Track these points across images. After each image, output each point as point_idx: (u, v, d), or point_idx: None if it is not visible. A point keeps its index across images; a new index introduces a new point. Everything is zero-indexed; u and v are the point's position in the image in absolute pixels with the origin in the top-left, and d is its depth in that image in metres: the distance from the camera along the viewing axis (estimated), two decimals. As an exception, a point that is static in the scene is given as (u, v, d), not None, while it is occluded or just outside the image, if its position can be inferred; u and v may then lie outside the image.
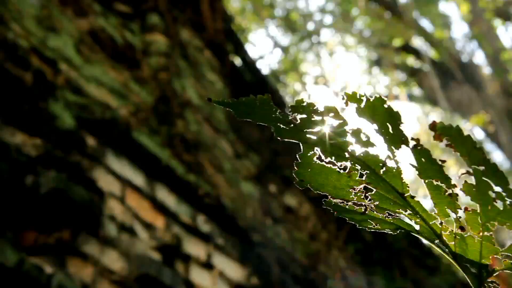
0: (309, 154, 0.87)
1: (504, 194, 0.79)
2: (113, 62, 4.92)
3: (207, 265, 4.68)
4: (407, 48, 19.15)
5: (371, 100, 0.81)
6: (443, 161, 0.83)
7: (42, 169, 3.59)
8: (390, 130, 0.82)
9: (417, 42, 19.40)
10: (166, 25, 5.81)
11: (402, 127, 0.82)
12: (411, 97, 19.96)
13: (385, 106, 0.81)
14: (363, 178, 0.88)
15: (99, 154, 4.10)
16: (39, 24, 4.32)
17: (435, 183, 0.84)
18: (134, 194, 4.31)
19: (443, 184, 0.84)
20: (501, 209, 0.80)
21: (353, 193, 0.90)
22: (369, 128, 0.84)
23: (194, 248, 4.64)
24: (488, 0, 15.99)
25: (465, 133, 0.78)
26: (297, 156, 0.87)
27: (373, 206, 0.90)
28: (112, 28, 5.16)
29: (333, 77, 21.84)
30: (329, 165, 0.87)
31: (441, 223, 0.88)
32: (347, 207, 0.91)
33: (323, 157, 0.86)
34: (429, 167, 0.83)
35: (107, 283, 3.75)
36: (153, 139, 4.65)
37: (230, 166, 5.66)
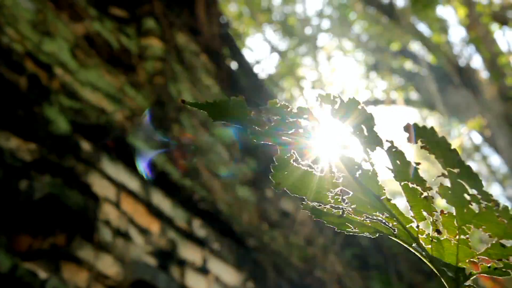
0: (285, 157, 0.86)
1: (479, 196, 0.78)
2: (108, 67, 4.91)
3: (203, 270, 4.66)
4: (405, 53, 19.17)
5: (345, 101, 0.81)
6: (418, 163, 0.82)
7: (36, 174, 3.58)
8: (365, 132, 0.82)
9: (415, 46, 19.42)
10: (162, 30, 5.80)
11: (376, 129, 0.81)
12: (408, 102, 19.96)
13: (359, 107, 0.81)
14: (340, 181, 0.87)
15: (94, 158, 4.10)
16: (34, 28, 4.31)
17: (410, 185, 0.84)
18: (129, 198, 4.30)
19: (418, 187, 0.84)
20: (477, 212, 0.80)
21: (330, 196, 0.89)
22: (345, 130, 0.83)
23: (190, 253, 4.63)
24: (485, 5, 15.99)
25: (440, 135, 0.77)
26: (274, 159, 0.86)
27: (350, 209, 0.90)
28: (107, 33, 5.16)
29: (330, 82, 21.85)
30: (305, 168, 0.87)
31: (417, 226, 0.88)
32: (325, 210, 0.91)
33: (299, 160, 0.86)
34: (404, 170, 0.82)
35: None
36: (148, 143, 4.65)
37: (226, 170, 5.65)
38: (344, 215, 0.90)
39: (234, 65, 7.41)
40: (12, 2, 4.27)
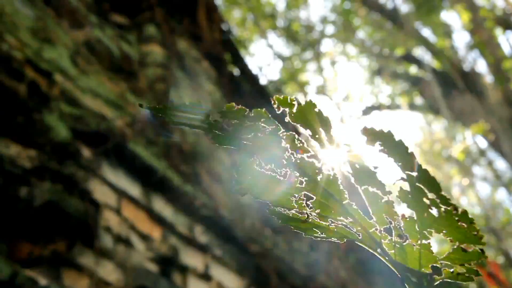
0: (248, 161, 0.85)
1: (437, 200, 0.77)
2: (109, 73, 4.91)
3: (205, 276, 4.65)
4: (409, 58, 19.17)
5: (302, 104, 0.80)
6: (376, 167, 0.81)
7: (36, 180, 3.58)
8: (323, 135, 0.81)
9: (419, 51, 19.41)
10: (163, 36, 5.81)
11: (333, 131, 0.80)
12: (413, 107, 19.94)
13: (316, 110, 0.80)
14: (303, 185, 0.86)
15: (95, 165, 4.09)
16: (34, 36, 4.32)
17: (371, 190, 0.83)
18: (130, 205, 4.30)
19: (379, 191, 0.82)
20: (437, 216, 0.78)
21: (294, 201, 0.88)
22: (304, 133, 0.82)
23: (192, 259, 4.62)
24: (489, 9, 15.99)
25: (397, 138, 0.76)
26: (237, 163, 0.85)
27: (315, 214, 0.88)
28: (108, 39, 5.16)
29: (335, 87, 21.83)
30: (269, 172, 0.86)
31: (380, 231, 0.87)
32: (290, 215, 0.90)
33: (263, 164, 0.85)
34: (363, 174, 0.81)
35: (102, 294, 3.73)
36: (149, 150, 4.64)
37: (228, 176, 5.65)
38: (310, 220, 0.89)
39: (236, 71, 7.41)
40: (12, 9, 4.28)
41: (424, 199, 0.77)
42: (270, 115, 0.82)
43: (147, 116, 4.67)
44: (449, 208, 0.76)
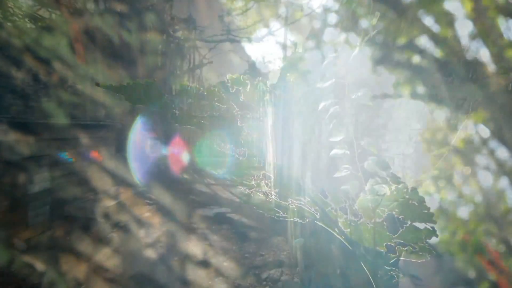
0: (207, 141, 0.87)
1: (387, 178, 0.78)
2: (109, 61, 4.93)
3: (204, 263, 4.68)
4: (412, 46, 19.13)
5: (255, 84, 0.82)
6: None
7: (35, 167, 3.61)
8: (279, 115, 0.83)
9: (422, 40, 19.37)
10: (162, 24, 5.81)
11: (287, 110, 0.82)
12: (415, 95, 19.90)
13: (267, 89, 0.82)
14: (262, 165, 0.88)
15: (93, 152, 4.11)
16: (33, 23, 4.33)
17: None
18: (129, 191, 4.32)
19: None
20: (388, 194, 0.80)
21: (254, 181, 0.90)
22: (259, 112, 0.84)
23: (191, 245, 4.64)
24: (492, -2, 15.90)
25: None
26: (197, 143, 0.87)
27: (274, 193, 0.90)
28: (108, 27, 5.17)
29: (336, 76, 21.78)
30: (227, 152, 0.87)
31: (335, 210, 0.88)
32: (252, 195, 0.91)
33: (222, 144, 0.87)
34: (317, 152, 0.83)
35: (101, 280, 3.76)
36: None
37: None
38: (270, 199, 0.91)
39: (236, 58, 7.41)
40: (11, -3, 4.29)
41: (376, 178, 0.79)
42: (223, 95, 0.84)
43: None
44: (399, 186, 0.78)
